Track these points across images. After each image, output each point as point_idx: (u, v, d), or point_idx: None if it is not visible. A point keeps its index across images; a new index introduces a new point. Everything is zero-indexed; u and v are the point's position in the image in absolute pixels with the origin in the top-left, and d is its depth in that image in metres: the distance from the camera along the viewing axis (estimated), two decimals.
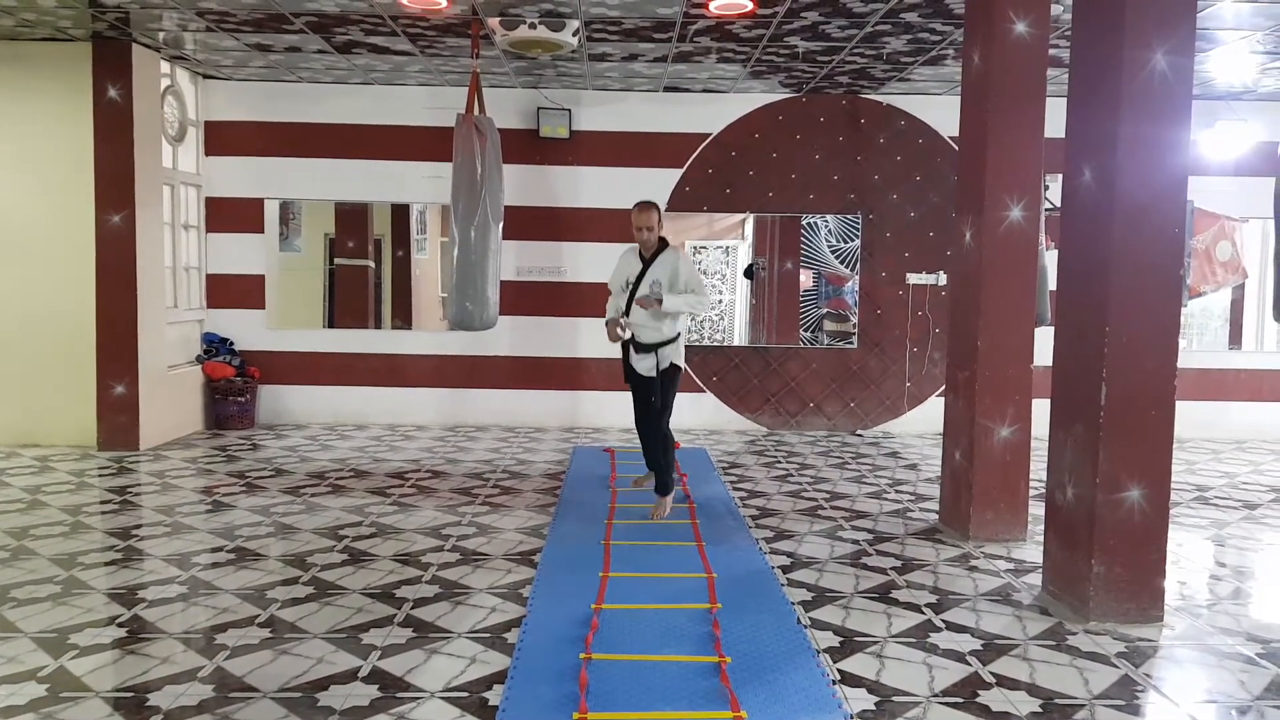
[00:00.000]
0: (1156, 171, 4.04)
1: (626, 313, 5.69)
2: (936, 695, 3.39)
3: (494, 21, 6.67)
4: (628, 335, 5.68)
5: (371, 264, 11.48)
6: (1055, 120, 4.99)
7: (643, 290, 5.62)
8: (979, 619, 4.19)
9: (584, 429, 9.13)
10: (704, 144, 9.10)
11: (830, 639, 3.91)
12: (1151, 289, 4.06)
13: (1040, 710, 3.29)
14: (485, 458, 7.70)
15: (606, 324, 5.81)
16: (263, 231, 9.11)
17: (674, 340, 5.69)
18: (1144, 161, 4.03)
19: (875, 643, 3.88)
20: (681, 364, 5.79)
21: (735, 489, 6.71)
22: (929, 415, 9.07)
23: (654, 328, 5.64)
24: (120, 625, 3.94)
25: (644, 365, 5.70)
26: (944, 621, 4.14)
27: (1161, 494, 4.12)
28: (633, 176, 9.05)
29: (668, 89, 8.91)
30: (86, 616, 4.03)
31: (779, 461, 7.78)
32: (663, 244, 5.70)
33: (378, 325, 11.60)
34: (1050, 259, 7.56)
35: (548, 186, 9.10)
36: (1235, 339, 10.34)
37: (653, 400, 5.68)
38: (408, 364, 9.22)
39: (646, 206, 5.65)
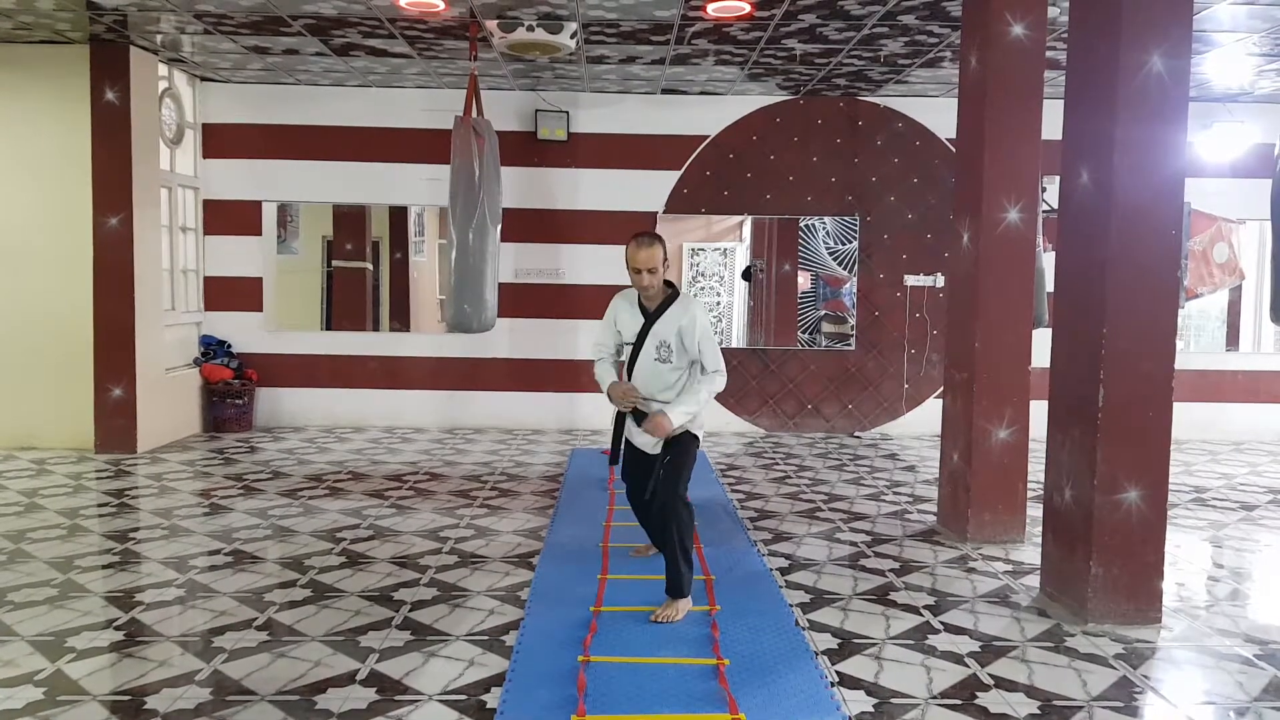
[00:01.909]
0: (1153, 173, 4.04)
1: (628, 378, 4.28)
2: (935, 697, 3.39)
3: (492, 24, 6.67)
4: (629, 406, 4.24)
5: (369, 266, 11.49)
6: (1052, 122, 5.00)
7: (648, 353, 4.19)
8: (977, 621, 4.19)
9: (582, 431, 9.13)
10: (702, 146, 9.11)
11: (828, 641, 3.91)
12: (1149, 291, 4.06)
13: (1039, 712, 3.29)
14: (483, 460, 7.69)
15: (610, 388, 4.23)
16: (260, 234, 9.10)
17: None
18: (1141, 163, 4.03)
19: (873, 644, 3.88)
20: (699, 432, 4.29)
21: (733, 491, 6.71)
22: (927, 417, 9.08)
23: (661, 400, 4.20)
24: (118, 628, 3.93)
25: (648, 441, 4.27)
26: (942, 623, 4.14)
27: (1159, 495, 4.13)
28: (631, 179, 9.06)
29: (665, 91, 8.91)
30: (84, 620, 4.02)
31: (777, 463, 7.78)
32: (670, 291, 4.24)
33: (376, 328, 11.63)
34: (1048, 261, 7.58)
35: (546, 189, 9.10)
36: (1233, 340, 10.37)
37: (652, 481, 4.20)
38: (406, 366, 9.21)
39: (649, 241, 4.12)
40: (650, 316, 4.21)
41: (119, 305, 7.61)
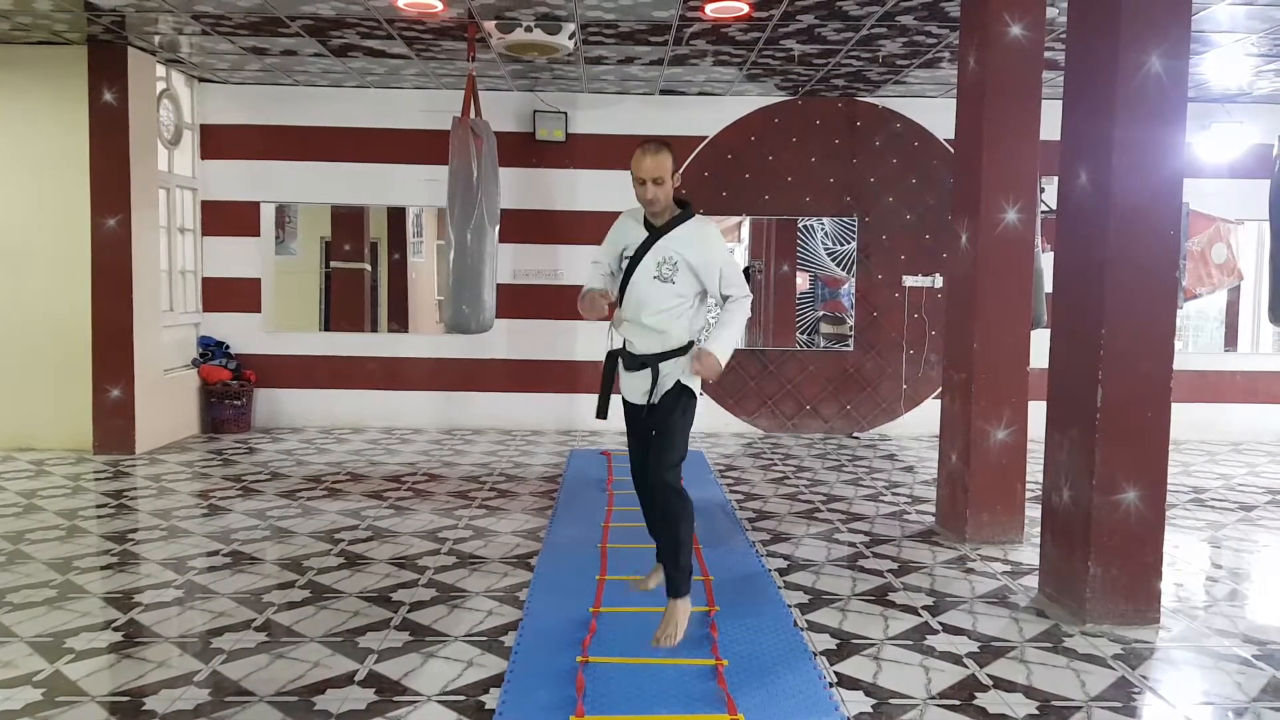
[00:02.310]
0: (1152, 174, 4.05)
1: (619, 302, 3.85)
2: (933, 698, 3.39)
3: (490, 24, 6.67)
4: (618, 340, 3.90)
5: (368, 267, 11.50)
6: (1051, 123, 5.00)
7: (647, 270, 3.72)
8: (976, 621, 4.19)
9: (580, 432, 9.13)
10: (700, 147, 9.11)
11: (827, 641, 3.91)
12: (1147, 291, 4.06)
13: (1037, 712, 3.29)
14: (482, 461, 7.69)
15: (583, 296, 3.88)
16: (259, 235, 9.09)
17: (684, 349, 3.76)
18: (1139, 164, 4.04)
19: (872, 645, 3.88)
20: (696, 386, 3.78)
21: (732, 491, 6.71)
22: (926, 417, 9.08)
23: (654, 330, 3.73)
24: (116, 629, 3.93)
25: (636, 388, 3.80)
26: (941, 624, 4.14)
27: (1158, 496, 4.13)
28: (629, 179, 9.01)
29: (664, 92, 8.91)
30: (82, 621, 4.02)
31: (776, 464, 7.78)
32: (682, 210, 3.78)
33: (374, 328, 11.64)
34: (1046, 261, 7.58)
35: (544, 189, 9.10)
36: (1231, 341, 10.39)
37: (651, 440, 3.75)
38: (404, 367, 9.21)
39: (655, 148, 3.72)
40: (657, 231, 3.75)
41: (117, 306, 7.61)
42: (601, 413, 3.97)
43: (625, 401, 3.94)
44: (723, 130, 9.11)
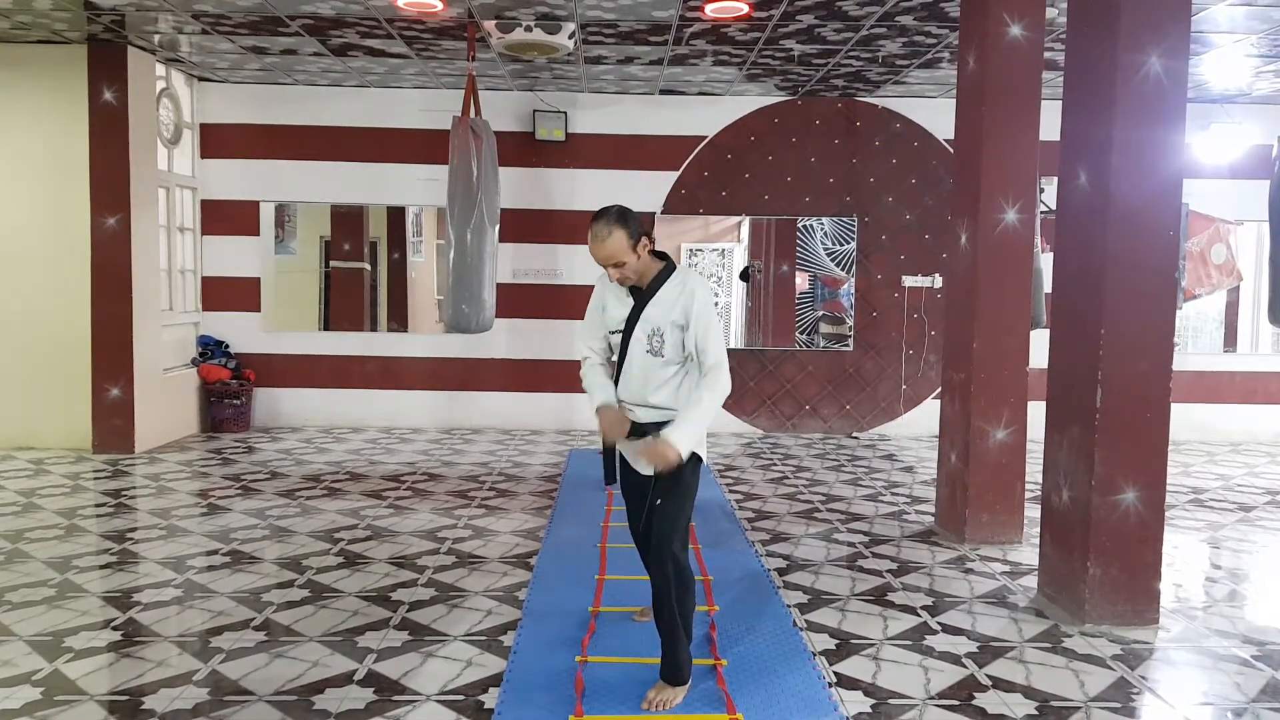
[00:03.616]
0: (1151, 174, 4.05)
1: (616, 380, 3.56)
2: (932, 698, 3.39)
3: (490, 24, 6.67)
4: (615, 438, 3.51)
5: (367, 267, 11.49)
6: (1050, 123, 5.00)
7: (639, 343, 3.42)
8: (975, 621, 4.19)
9: (580, 432, 9.13)
10: (700, 146, 9.11)
11: (826, 641, 3.91)
12: (1146, 292, 4.06)
13: (1036, 713, 3.29)
14: (481, 460, 7.69)
15: (599, 412, 3.51)
16: (258, 234, 9.09)
17: None
18: (1139, 164, 4.04)
19: (871, 645, 3.88)
20: (703, 450, 3.42)
21: (731, 491, 6.71)
22: (925, 418, 9.09)
23: (655, 406, 3.43)
24: (115, 629, 3.93)
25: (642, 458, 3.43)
26: (940, 624, 4.14)
27: (1157, 496, 4.13)
28: (628, 179, 9.06)
29: (663, 92, 8.92)
30: (82, 620, 4.02)
31: (775, 464, 7.78)
32: (664, 265, 3.45)
33: (373, 328, 11.61)
34: (1045, 262, 7.58)
35: (544, 189, 9.10)
36: (1230, 341, 10.38)
37: (654, 508, 3.35)
38: (403, 367, 9.21)
39: (605, 231, 3.28)
40: (640, 298, 3.42)
41: (117, 305, 7.61)
42: (609, 478, 3.64)
43: (623, 464, 3.59)
44: (722, 130, 9.11)
